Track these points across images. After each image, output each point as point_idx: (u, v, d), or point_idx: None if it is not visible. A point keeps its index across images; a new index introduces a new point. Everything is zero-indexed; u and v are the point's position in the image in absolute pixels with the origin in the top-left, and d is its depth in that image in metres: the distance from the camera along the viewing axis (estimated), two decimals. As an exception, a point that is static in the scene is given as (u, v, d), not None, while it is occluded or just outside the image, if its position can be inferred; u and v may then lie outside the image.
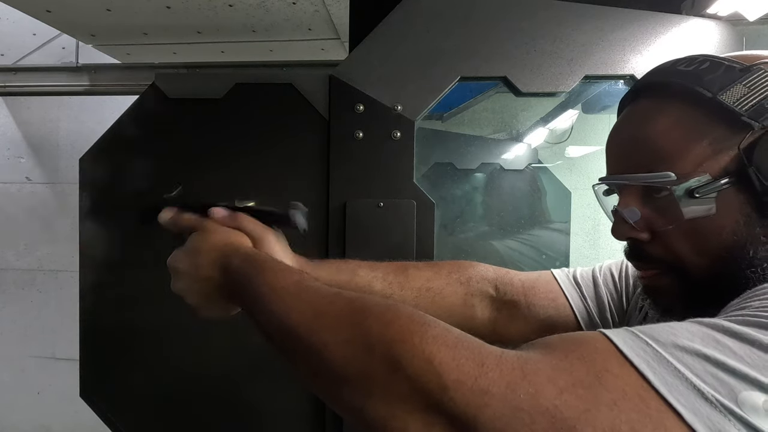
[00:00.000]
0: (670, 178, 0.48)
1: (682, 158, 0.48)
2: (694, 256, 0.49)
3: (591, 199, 0.62)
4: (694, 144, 0.48)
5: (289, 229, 0.66)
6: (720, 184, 0.46)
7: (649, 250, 0.53)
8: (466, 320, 0.72)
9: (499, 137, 1.45)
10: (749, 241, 0.46)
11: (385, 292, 0.71)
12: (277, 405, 1.01)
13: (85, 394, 1.04)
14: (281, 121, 1.01)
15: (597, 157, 1.69)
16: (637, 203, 0.52)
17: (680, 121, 0.49)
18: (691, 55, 0.52)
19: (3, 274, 2.54)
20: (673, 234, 0.50)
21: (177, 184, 0.71)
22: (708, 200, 0.47)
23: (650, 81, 0.54)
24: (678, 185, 0.48)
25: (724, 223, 0.47)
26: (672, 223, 0.49)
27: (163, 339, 1.03)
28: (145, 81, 1.86)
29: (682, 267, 0.50)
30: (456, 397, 0.36)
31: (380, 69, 0.98)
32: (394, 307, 0.43)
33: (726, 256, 0.47)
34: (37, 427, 2.55)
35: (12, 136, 2.53)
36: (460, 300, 0.73)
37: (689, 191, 0.47)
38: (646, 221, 0.52)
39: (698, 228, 0.48)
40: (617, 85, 1.02)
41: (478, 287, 0.74)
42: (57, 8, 1.57)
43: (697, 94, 0.48)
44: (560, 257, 1.34)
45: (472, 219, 1.37)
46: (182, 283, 0.62)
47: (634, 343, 0.37)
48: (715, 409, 0.33)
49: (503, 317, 0.73)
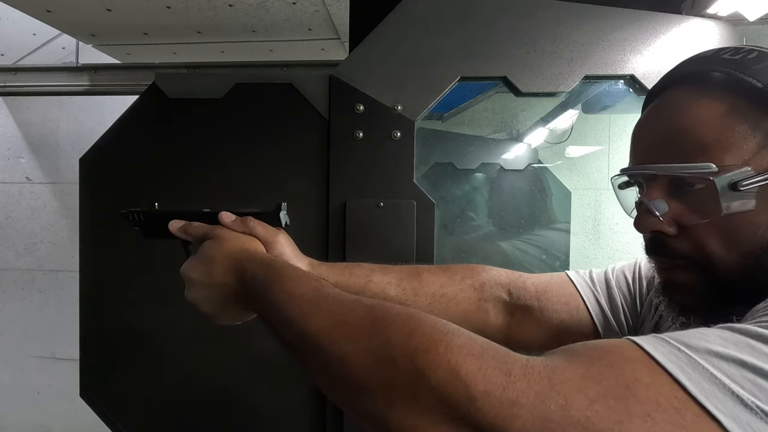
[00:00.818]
0: (711, 169, 0.46)
1: (725, 149, 0.46)
2: (724, 252, 0.47)
3: (591, 199, 0.62)
4: (740, 136, 0.46)
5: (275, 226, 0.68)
6: (765, 178, 0.45)
7: (673, 245, 0.51)
8: (481, 325, 0.71)
9: (499, 137, 1.45)
10: None
11: (399, 299, 0.70)
12: (277, 405, 1.01)
13: (85, 394, 1.04)
14: (281, 121, 1.01)
15: (597, 157, 1.69)
16: (666, 195, 0.50)
17: (725, 110, 0.47)
18: (736, 46, 0.50)
19: (3, 274, 2.54)
20: (705, 228, 0.48)
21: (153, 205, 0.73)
22: (749, 195, 0.45)
23: (688, 70, 0.52)
24: (719, 177, 0.45)
25: (761, 219, 0.46)
26: (707, 217, 0.47)
27: (163, 339, 1.03)
28: (145, 81, 1.86)
29: (709, 263, 0.48)
30: (484, 409, 0.35)
31: (380, 69, 0.98)
32: (416, 315, 0.42)
33: (760, 254, 0.46)
34: (37, 427, 2.55)
35: (12, 136, 2.53)
36: (474, 306, 0.72)
37: (732, 184, 0.45)
38: (675, 215, 0.50)
39: (733, 224, 0.46)
40: (617, 85, 1.02)
41: (492, 292, 0.73)
42: (57, 8, 1.57)
43: (745, 84, 0.46)
44: (561, 257, 1.34)
45: (472, 219, 1.37)
46: (196, 292, 0.61)
47: (666, 350, 0.36)
48: (756, 416, 0.32)
49: (516, 322, 0.72)
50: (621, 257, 0.63)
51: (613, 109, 1.32)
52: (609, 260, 1.71)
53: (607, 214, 1.72)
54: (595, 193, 1.71)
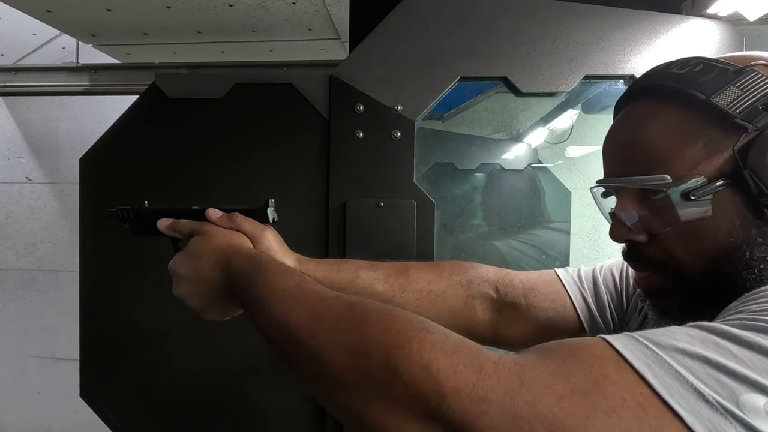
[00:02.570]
0: (665, 180, 0.48)
1: (677, 161, 0.48)
2: (691, 258, 0.49)
3: (591, 199, 0.62)
4: (689, 146, 0.48)
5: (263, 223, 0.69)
6: (715, 186, 0.46)
7: (646, 252, 0.53)
8: (468, 322, 0.72)
9: (499, 137, 1.45)
10: (745, 243, 0.46)
11: (386, 295, 0.71)
12: (277, 405, 1.01)
13: (85, 394, 1.04)
14: (281, 121, 1.01)
15: (597, 157, 1.69)
16: (634, 206, 0.52)
17: (674, 123, 0.49)
18: (684, 58, 0.52)
19: (3, 274, 2.55)
20: (670, 236, 0.50)
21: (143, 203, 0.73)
22: (704, 202, 0.47)
23: (644, 84, 0.54)
24: (673, 188, 0.48)
25: (720, 224, 0.47)
26: (668, 226, 0.49)
27: (163, 339, 1.03)
28: (145, 81, 1.86)
29: (679, 268, 0.50)
30: (454, 405, 0.36)
31: (380, 69, 0.98)
32: (393, 312, 0.43)
33: (722, 258, 0.47)
34: (37, 427, 2.55)
35: (12, 136, 2.53)
36: (461, 302, 0.73)
37: (685, 193, 0.47)
38: (644, 223, 0.52)
39: (695, 230, 0.48)
40: (617, 85, 1.02)
41: (479, 289, 0.74)
42: (57, 8, 1.57)
43: (690, 97, 0.48)
44: (560, 257, 1.34)
45: (472, 219, 1.37)
46: (184, 287, 0.62)
47: (635, 347, 0.37)
48: (716, 412, 0.33)
49: (504, 318, 0.73)
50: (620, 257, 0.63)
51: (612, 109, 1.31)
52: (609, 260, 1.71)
53: (607, 214, 1.72)
54: (595, 193, 1.71)
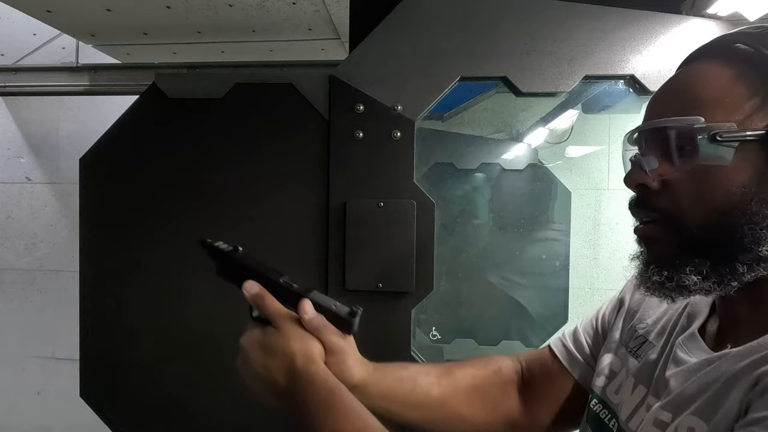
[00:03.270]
0: (699, 122, 0.48)
1: (717, 107, 0.48)
2: (696, 208, 0.49)
3: (591, 199, 0.63)
4: (736, 97, 0.48)
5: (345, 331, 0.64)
6: (745, 134, 0.46)
7: (653, 200, 0.53)
8: (508, 412, 0.74)
9: (499, 137, 1.45)
10: (755, 199, 0.46)
11: (442, 398, 0.72)
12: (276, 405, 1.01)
13: (85, 394, 1.04)
14: (281, 121, 1.01)
15: (597, 157, 1.69)
16: (658, 153, 0.52)
17: (729, 75, 0.49)
18: (761, 24, 0.53)
19: (3, 274, 2.54)
20: (683, 182, 0.50)
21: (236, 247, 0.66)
22: (727, 150, 0.47)
23: (712, 45, 0.55)
24: (703, 128, 0.48)
25: (737, 176, 0.47)
26: (687, 165, 0.50)
27: (163, 339, 1.03)
28: (145, 81, 1.85)
29: (681, 219, 0.51)
30: None
31: (380, 69, 0.98)
32: None
33: (727, 211, 0.47)
34: (37, 427, 2.55)
35: (12, 136, 2.53)
36: (498, 390, 0.75)
37: (712, 136, 0.47)
38: (661, 170, 0.52)
39: (709, 178, 0.48)
40: (617, 85, 1.02)
41: (508, 372, 0.77)
42: (57, 8, 1.57)
43: (754, 53, 0.48)
44: (560, 257, 1.34)
45: (472, 219, 1.37)
46: (248, 371, 0.62)
47: None
48: None
49: (527, 400, 0.75)
50: (621, 257, 0.63)
51: (613, 109, 1.32)
52: (609, 260, 1.72)
53: (607, 214, 1.72)
54: (595, 193, 1.71)
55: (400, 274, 0.98)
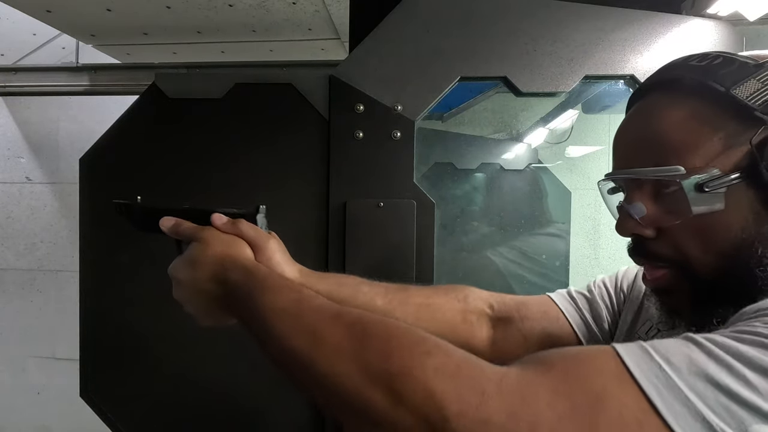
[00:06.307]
0: (679, 171, 0.47)
1: (692, 152, 0.47)
2: (701, 254, 0.48)
3: (591, 199, 0.63)
4: (706, 138, 0.47)
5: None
6: (730, 179, 0.45)
7: (653, 248, 0.52)
8: (468, 337, 0.73)
9: (499, 137, 1.45)
10: (758, 239, 0.45)
11: (386, 308, 0.71)
12: (276, 405, 1.01)
13: (85, 394, 1.04)
14: (281, 121, 1.01)
15: (597, 157, 1.69)
16: (644, 199, 0.51)
17: (692, 115, 0.48)
18: (703, 52, 0.51)
19: (3, 274, 2.54)
20: (680, 230, 0.49)
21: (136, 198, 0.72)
22: (717, 196, 0.46)
23: (661, 78, 0.54)
24: (687, 179, 0.47)
25: (733, 220, 0.46)
26: (679, 218, 0.48)
27: (163, 339, 1.03)
28: (145, 81, 1.86)
29: (688, 265, 0.49)
30: (457, 429, 0.36)
31: (380, 69, 0.98)
32: (394, 333, 0.43)
33: (734, 254, 0.46)
34: (37, 427, 2.55)
35: (12, 136, 2.53)
36: (459, 316, 0.73)
37: (698, 185, 0.46)
38: (652, 218, 0.51)
39: (706, 224, 0.47)
40: (617, 85, 1.02)
41: (475, 305, 0.75)
42: (57, 8, 1.57)
43: (710, 89, 0.47)
44: (560, 257, 1.34)
45: (472, 219, 1.37)
46: (181, 293, 0.62)
47: (647, 366, 0.36)
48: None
49: (500, 333, 0.74)
50: (621, 257, 0.63)
51: (613, 109, 1.32)
52: (609, 260, 1.72)
53: (607, 214, 1.72)
54: (595, 193, 1.71)
55: (400, 274, 0.98)
